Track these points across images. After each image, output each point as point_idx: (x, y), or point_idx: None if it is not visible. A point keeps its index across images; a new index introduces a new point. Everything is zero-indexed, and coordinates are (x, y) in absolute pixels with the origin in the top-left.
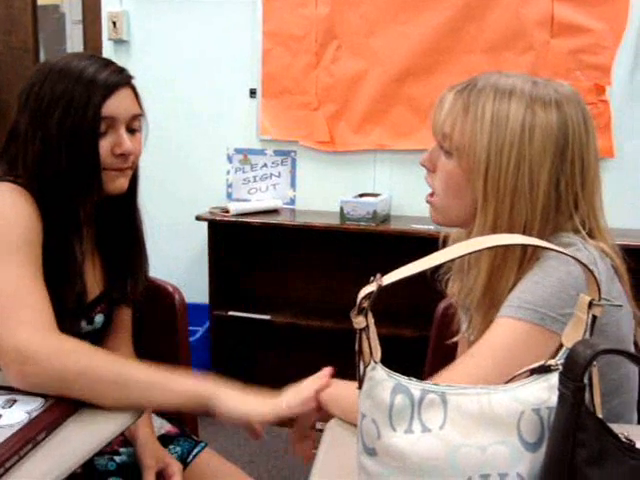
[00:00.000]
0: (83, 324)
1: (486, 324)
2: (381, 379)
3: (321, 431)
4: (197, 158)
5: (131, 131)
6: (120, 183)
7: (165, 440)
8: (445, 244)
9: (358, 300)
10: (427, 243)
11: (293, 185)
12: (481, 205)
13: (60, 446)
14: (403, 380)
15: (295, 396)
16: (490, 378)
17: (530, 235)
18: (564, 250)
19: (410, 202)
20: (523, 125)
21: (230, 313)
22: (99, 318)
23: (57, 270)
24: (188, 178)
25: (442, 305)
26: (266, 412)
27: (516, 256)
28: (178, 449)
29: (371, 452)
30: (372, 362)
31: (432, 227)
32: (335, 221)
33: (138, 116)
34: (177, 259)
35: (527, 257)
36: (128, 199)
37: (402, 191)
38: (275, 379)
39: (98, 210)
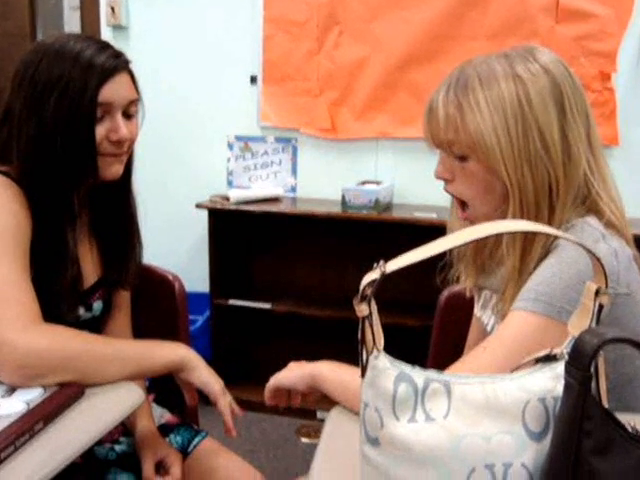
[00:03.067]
0: (81, 311)
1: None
2: (384, 368)
3: (322, 421)
4: (197, 146)
5: (127, 116)
6: (115, 169)
7: (165, 429)
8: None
9: (361, 287)
10: (430, 231)
11: (294, 173)
12: (510, 189)
13: (58, 436)
14: (406, 368)
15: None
16: (502, 372)
17: (558, 195)
18: (577, 240)
19: (413, 190)
20: (518, 97)
21: (230, 302)
22: (97, 305)
23: (50, 257)
24: (188, 166)
25: (445, 294)
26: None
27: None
28: (178, 439)
29: (374, 442)
30: (375, 350)
31: (434, 215)
32: (337, 209)
33: (135, 101)
34: (177, 247)
35: (537, 244)
36: (123, 184)
37: (404, 179)
38: (276, 368)
39: (92, 196)
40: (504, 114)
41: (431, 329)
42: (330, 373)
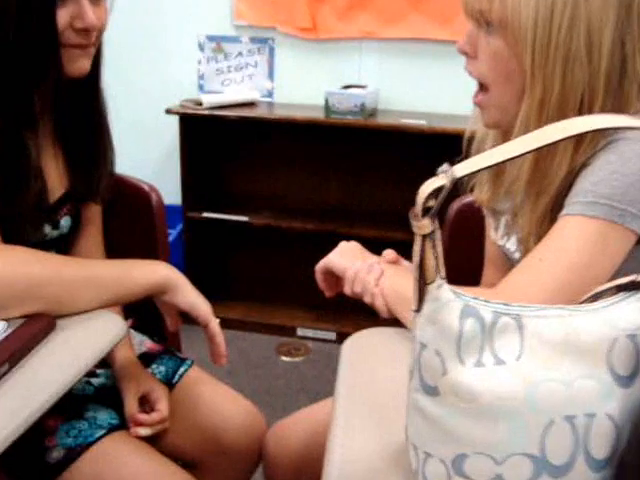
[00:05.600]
0: (47, 229)
1: (536, 219)
2: (448, 300)
3: (303, 338)
4: (165, 47)
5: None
6: (82, 64)
7: (147, 359)
8: (470, 143)
9: (422, 197)
10: (419, 139)
11: (271, 76)
12: (529, 82)
13: (27, 379)
14: (470, 300)
15: None
16: (566, 289)
17: (590, 111)
18: None
19: (399, 95)
20: None
21: (204, 215)
22: (65, 221)
23: (8, 168)
24: (156, 68)
25: (456, 205)
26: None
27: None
28: (162, 368)
29: (432, 391)
30: (438, 278)
31: (424, 122)
32: (319, 115)
33: None
34: (145, 157)
35: (587, 139)
36: (90, 82)
37: (390, 83)
38: (253, 284)
39: (56, 96)
40: None
41: None
42: (390, 277)
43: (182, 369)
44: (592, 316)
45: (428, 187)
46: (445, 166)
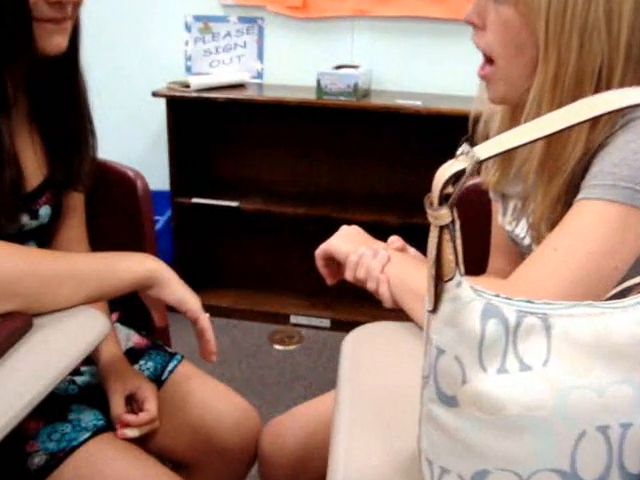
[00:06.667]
0: (25, 219)
1: (548, 203)
2: (469, 299)
3: (296, 326)
4: (151, 27)
5: None
6: (57, 41)
7: (134, 355)
8: (476, 125)
9: (439, 183)
10: (414, 120)
11: (260, 57)
12: (542, 54)
13: (5, 382)
14: (492, 298)
15: None
16: (584, 281)
17: (609, 85)
18: None
19: (392, 76)
20: None
21: (194, 200)
22: (45, 210)
23: None
24: (141, 49)
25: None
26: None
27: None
28: (150, 364)
29: (450, 402)
30: (457, 275)
31: (419, 103)
32: (310, 96)
33: None
34: (132, 142)
35: (604, 117)
36: (68, 61)
37: (384, 63)
38: (244, 270)
39: (31, 78)
40: None
41: (413, 227)
42: (397, 265)
43: (171, 365)
44: (624, 314)
45: (446, 171)
46: (465, 147)
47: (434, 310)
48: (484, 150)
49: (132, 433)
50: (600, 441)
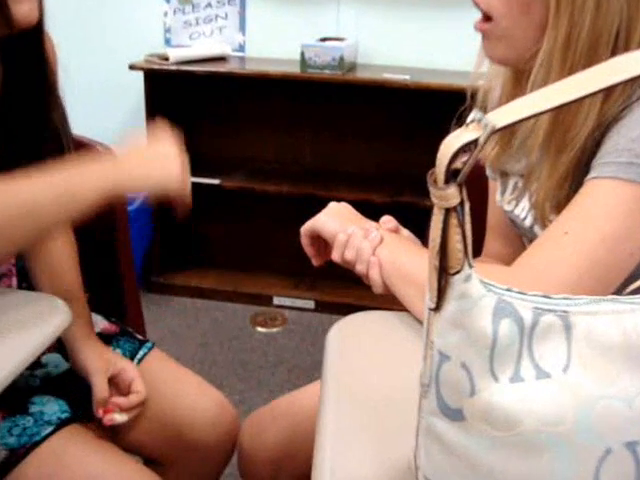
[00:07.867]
0: None
1: (554, 181)
2: (479, 296)
3: (279, 307)
4: None
5: None
6: (27, 8)
7: (102, 340)
8: (474, 98)
9: (446, 156)
10: (402, 95)
11: (242, 28)
12: (553, 15)
13: None
14: (504, 293)
15: None
16: (597, 268)
17: (627, 48)
18: None
19: (379, 49)
20: None
21: None
22: None
23: None
24: (118, 20)
25: None
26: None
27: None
28: (118, 352)
29: (455, 415)
30: (466, 267)
31: (407, 77)
32: (294, 69)
33: None
34: (108, 116)
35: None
36: (34, 34)
37: (370, 36)
38: (226, 250)
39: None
40: None
41: (401, 206)
42: (391, 247)
43: (141, 353)
44: None
45: (455, 142)
46: (477, 113)
47: (437, 308)
48: (500, 117)
49: (122, 418)
50: (628, 459)
